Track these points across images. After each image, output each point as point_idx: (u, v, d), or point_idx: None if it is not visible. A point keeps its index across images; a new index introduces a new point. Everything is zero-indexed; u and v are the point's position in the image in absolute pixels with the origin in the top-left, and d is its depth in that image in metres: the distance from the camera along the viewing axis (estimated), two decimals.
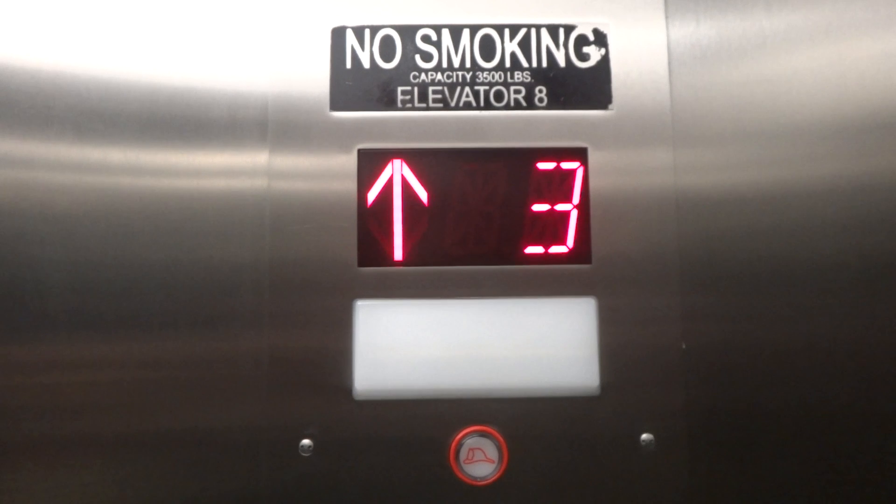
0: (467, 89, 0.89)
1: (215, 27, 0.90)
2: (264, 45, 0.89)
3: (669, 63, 0.90)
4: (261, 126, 0.88)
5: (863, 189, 0.88)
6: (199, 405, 0.85)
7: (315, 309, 0.86)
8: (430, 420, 0.85)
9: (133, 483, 0.84)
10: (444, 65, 0.90)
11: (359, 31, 0.90)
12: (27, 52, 0.88)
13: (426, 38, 0.90)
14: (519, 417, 0.85)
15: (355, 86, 0.89)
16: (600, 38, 0.90)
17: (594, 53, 0.90)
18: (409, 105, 0.89)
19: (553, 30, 0.90)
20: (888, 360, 0.86)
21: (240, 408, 0.85)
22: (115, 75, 0.88)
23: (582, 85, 0.89)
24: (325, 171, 0.87)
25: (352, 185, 0.87)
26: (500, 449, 0.85)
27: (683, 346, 0.86)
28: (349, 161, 0.88)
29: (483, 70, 0.90)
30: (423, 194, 0.88)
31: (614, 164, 0.88)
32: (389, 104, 0.89)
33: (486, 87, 0.89)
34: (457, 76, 0.89)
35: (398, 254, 0.87)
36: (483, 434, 0.85)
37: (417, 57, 0.90)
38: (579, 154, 0.88)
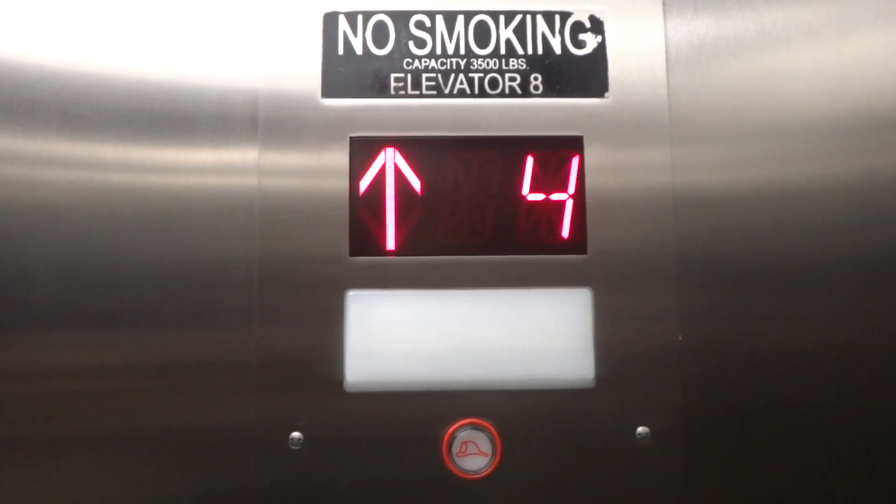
0: (461, 76, 0.88)
1: (204, 17, 0.89)
2: (254, 33, 0.88)
3: (666, 51, 0.89)
4: (251, 116, 0.87)
5: (862, 187, 0.87)
6: (188, 401, 0.84)
7: (306, 300, 0.85)
8: (423, 413, 0.84)
9: (120, 480, 0.83)
10: (438, 51, 0.88)
11: (351, 17, 0.89)
12: (12, 43, 0.87)
13: (420, 24, 0.89)
14: (513, 410, 0.85)
15: (347, 73, 0.88)
16: (597, 25, 0.89)
17: (590, 41, 0.89)
18: (402, 92, 0.88)
19: (549, 16, 0.89)
20: (885, 359, 0.86)
21: (229, 403, 0.84)
22: (100, 68, 0.87)
23: (578, 72, 0.88)
24: (317, 160, 0.86)
25: (344, 174, 0.86)
26: (493, 442, 0.84)
27: (680, 339, 0.85)
28: (341, 149, 0.87)
29: (477, 57, 0.88)
30: (416, 183, 0.86)
31: (610, 153, 0.87)
32: (382, 91, 0.88)
33: (481, 75, 0.88)
34: (451, 63, 0.88)
35: (391, 243, 0.86)
36: (476, 427, 0.84)
37: (411, 43, 0.89)
38: (575, 143, 0.87)
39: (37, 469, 0.83)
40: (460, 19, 0.89)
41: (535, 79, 0.88)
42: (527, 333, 0.85)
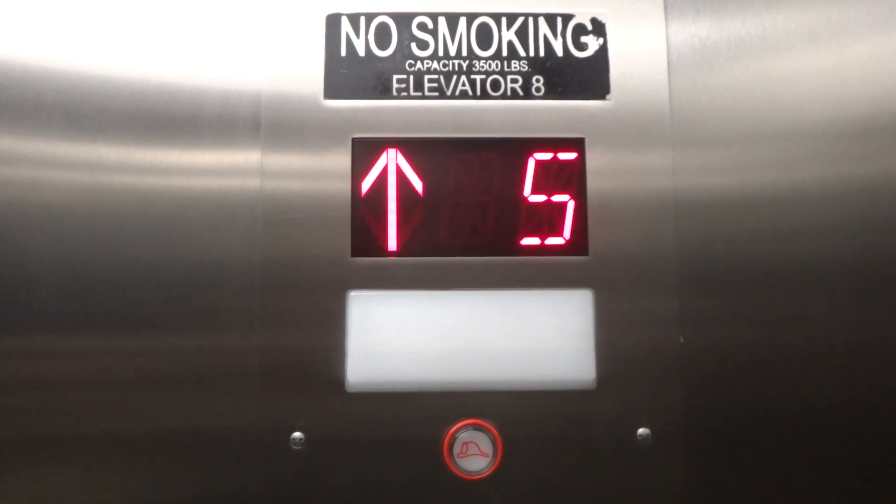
0: (463, 78, 0.88)
1: (207, 18, 0.89)
2: (257, 34, 0.89)
3: (668, 54, 0.90)
4: (254, 117, 0.87)
5: (863, 191, 0.87)
6: (190, 401, 0.84)
7: (307, 301, 0.85)
8: (424, 413, 0.84)
9: (122, 481, 0.83)
10: (441, 53, 0.89)
11: (354, 19, 0.89)
12: (17, 45, 0.87)
13: (422, 26, 0.89)
14: (514, 411, 0.84)
15: (350, 74, 0.88)
16: (598, 28, 0.90)
17: (592, 43, 0.89)
18: (404, 94, 0.88)
19: (551, 19, 0.90)
20: (885, 362, 0.86)
21: (231, 403, 0.84)
22: (106, 69, 0.87)
23: (580, 74, 0.89)
24: (319, 161, 0.87)
25: (346, 175, 0.86)
26: (494, 443, 0.84)
27: (681, 340, 0.85)
28: (343, 150, 0.87)
29: (480, 59, 0.89)
30: (418, 184, 0.87)
31: (612, 155, 0.88)
32: (384, 93, 0.88)
33: (483, 76, 0.88)
34: (453, 65, 0.89)
35: (392, 244, 0.86)
36: (477, 427, 0.84)
37: (413, 45, 0.89)
38: (576, 144, 0.87)
39: (38, 470, 0.83)
40: (462, 21, 0.89)
41: (537, 81, 0.89)
42: (528, 335, 0.85)
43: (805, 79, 0.89)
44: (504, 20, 0.89)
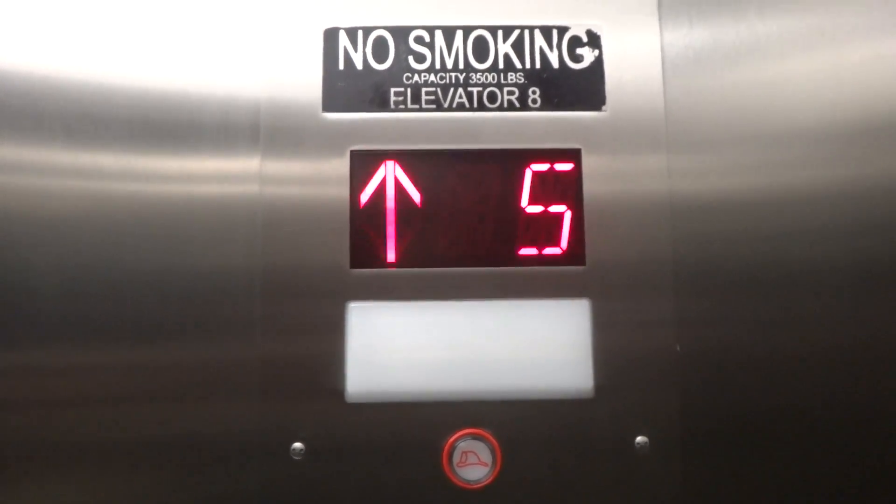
0: (460, 90, 0.89)
1: (207, 30, 0.90)
2: (256, 48, 0.89)
3: (663, 64, 0.90)
4: (253, 129, 0.88)
5: (857, 193, 0.88)
6: (190, 411, 0.84)
7: (307, 311, 0.85)
8: (423, 423, 0.85)
9: (123, 490, 0.83)
10: (438, 66, 0.89)
11: (352, 33, 0.90)
12: (19, 55, 0.87)
13: (419, 40, 0.90)
14: (512, 420, 0.85)
15: (348, 87, 0.89)
16: (594, 40, 0.90)
17: (588, 55, 0.90)
18: (401, 106, 0.89)
19: (546, 31, 0.90)
20: (882, 364, 0.86)
21: (232, 412, 0.84)
22: (107, 79, 0.87)
23: (575, 86, 0.89)
24: (318, 173, 0.87)
25: (344, 187, 0.87)
26: (493, 452, 0.84)
27: (678, 349, 0.86)
28: (342, 162, 0.87)
29: (476, 71, 0.89)
30: (416, 196, 0.87)
31: (608, 165, 0.88)
32: (382, 105, 0.89)
33: (480, 89, 0.89)
34: (450, 77, 0.89)
35: (391, 255, 0.86)
36: (476, 437, 0.85)
37: (410, 58, 0.89)
38: (573, 155, 0.88)
39: (39, 476, 0.83)
40: (459, 34, 0.90)
41: (534, 92, 0.89)
42: (526, 344, 0.86)
43: (799, 84, 0.90)
44: (500, 33, 0.90)
